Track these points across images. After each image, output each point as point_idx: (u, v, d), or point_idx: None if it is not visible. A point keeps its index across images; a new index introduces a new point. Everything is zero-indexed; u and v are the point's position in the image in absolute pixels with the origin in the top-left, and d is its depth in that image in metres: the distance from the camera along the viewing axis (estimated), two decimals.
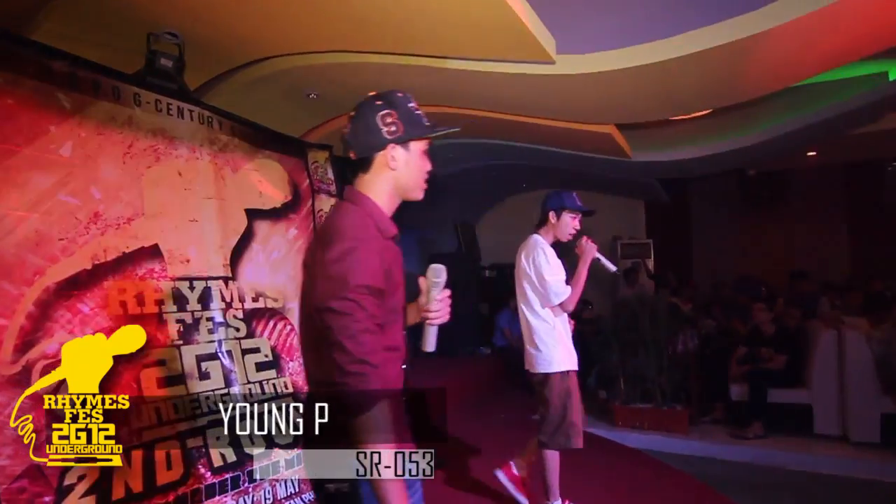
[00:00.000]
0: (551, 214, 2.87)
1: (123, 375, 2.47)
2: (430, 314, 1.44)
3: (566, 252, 3.00)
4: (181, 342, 2.77)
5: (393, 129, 1.34)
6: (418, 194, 1.41)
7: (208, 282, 2.99)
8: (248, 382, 3.02)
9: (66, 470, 2.13)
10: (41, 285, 2.30)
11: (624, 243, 9.23)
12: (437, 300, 1.42)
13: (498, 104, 4.59)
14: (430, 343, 1.47)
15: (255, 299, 3.25)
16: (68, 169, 2.50)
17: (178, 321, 2.78)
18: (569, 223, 2.85)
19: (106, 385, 2.37)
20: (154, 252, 2.77)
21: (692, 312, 6.44)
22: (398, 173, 1.37)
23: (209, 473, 2.56)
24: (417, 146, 1.38)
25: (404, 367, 1.42)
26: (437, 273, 1.41)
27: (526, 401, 5.47)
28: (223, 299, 3.03)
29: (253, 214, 3.38)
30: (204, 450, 2.62)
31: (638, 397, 4.95)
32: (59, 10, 2.88)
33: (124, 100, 2.81)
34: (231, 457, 2.70)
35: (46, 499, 2.03)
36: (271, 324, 3.30)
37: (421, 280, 1.46)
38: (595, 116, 4.95)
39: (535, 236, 2.93)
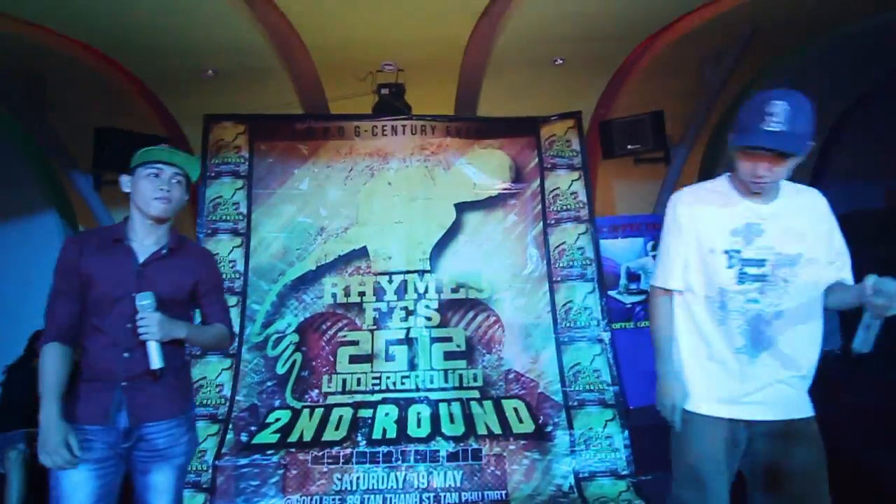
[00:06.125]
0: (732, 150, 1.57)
1: (326, 349, 3.24)
2: (139, 331, 1.50)
3: None
4: (375, 327, 3.29)
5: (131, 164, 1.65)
6: (150, 210, 1.60)
7: (405, 275, 3.38)
8: (432, 369, 3.21)
9: (270, 411, 3.08)
10: (282, 283, 3.36)
11: None
12: (139, 318, 1.51)
13: None
14: (152, 360, 1.51)
15: (454, 290, 3.37)
16: (305, 198, 3.49)
17: (374, 309, 3.32)
18: (744, 168, 1.46)
19: (314, 357, 3.23)
20: (362, 253, 3.42)
21: None
22: (132, 196, 1.62)
23: (364, 442, 2.97)
24: (140, 172, 1.61)
25: (126, 355, 1.52)
26: (141, 299, 1.52)
27: None
28: (416, 290, 3.34)
29: (463, 208, 3.50)
30: (370, 421, 3.05)
31: None
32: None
33: (347, 135, 3.59)
34: (392, 433, 3.01)
35: (252, 428, 3.02)
36: (470, 314, 3.33)
37: None
38: None
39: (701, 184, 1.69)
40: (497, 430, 3.01)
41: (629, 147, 4.28)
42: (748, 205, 1.50)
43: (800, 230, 1.46)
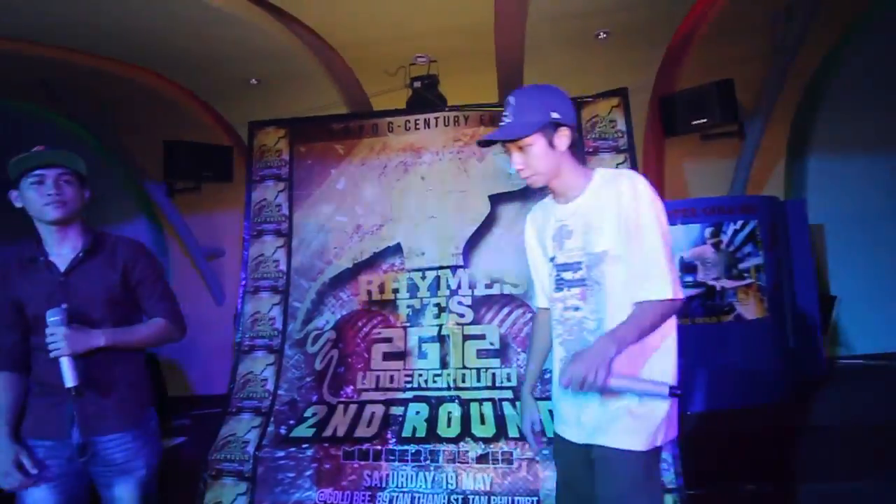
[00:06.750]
0: None
1: (361, 345, 3.27)
2: (49, 348, 1.51)
3: None
4: (408, 324, 3.27)
5: None
6: (47, 216, 1.58)
7: (438, 271, 3.31)
8: (464, 368, 3.12)
9: (308, 406, 3.17)
10: (321, 281, 3.44)
11: None
12: (47, 335, 1.51)
13: None
14: (66, 377, 1.50)
15: (488, 286, 3.25)
16: (342, 197, 3.54)
17: (408, 306, 3.30)
18: None
19: (349, 354, 3.29)
20: (396, 249, 3.41)
21: None
22: (26, 208, 1.61)
23: (394, 440, 2.95)
24: (24, 183, 1.59)
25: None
26: (50, 315, 1.53)
27: None
28: (448, 287, 3.26)
29: (498, 199, 3.36)
30: (401, 419, 3.03)
31: None
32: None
33: (380, 132, 3.59)
34: (421, 432, 2.96)
35: (291, 421, 3.13)
36: (504, 311, 3.19)
37: None
38: None
39: None
40: None
41: (693, 122, 3.86)
42: (556, 207, 1.46)
43: (599, 224, 1.34)
